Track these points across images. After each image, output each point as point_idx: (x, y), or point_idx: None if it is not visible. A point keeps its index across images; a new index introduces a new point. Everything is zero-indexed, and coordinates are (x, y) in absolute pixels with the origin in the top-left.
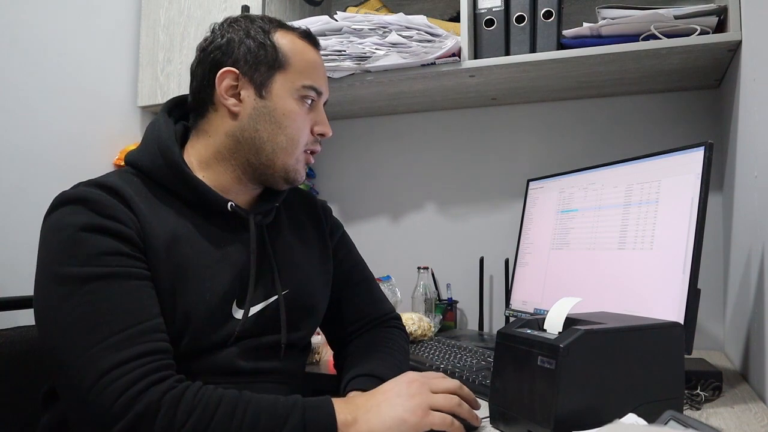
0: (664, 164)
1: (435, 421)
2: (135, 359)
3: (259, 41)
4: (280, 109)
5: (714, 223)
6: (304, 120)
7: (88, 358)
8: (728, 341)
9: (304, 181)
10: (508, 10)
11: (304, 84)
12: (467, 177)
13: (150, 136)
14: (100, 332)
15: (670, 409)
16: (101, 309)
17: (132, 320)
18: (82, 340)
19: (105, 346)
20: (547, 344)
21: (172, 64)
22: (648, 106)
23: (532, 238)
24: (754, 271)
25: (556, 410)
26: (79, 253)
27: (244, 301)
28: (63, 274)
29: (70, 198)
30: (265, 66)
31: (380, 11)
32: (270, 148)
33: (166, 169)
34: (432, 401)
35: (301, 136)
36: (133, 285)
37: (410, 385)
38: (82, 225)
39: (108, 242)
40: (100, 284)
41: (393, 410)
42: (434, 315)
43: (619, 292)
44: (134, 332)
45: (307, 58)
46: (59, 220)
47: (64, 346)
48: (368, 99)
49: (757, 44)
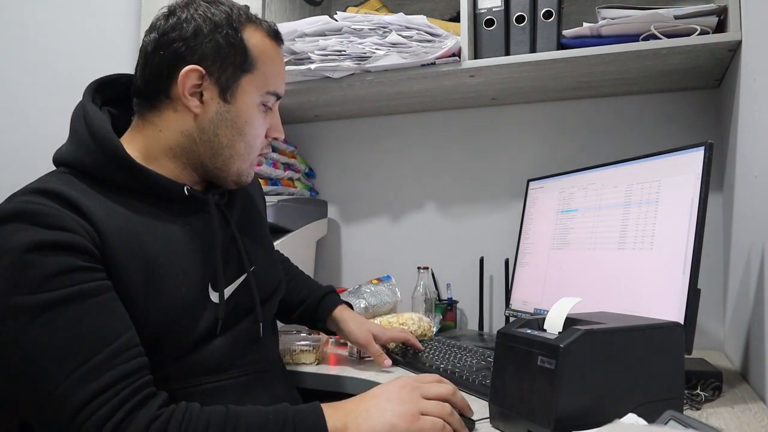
0: (664, 164)
1: (425, 427)
2: (109, 388)
3: (229, 39)
4: (243, 117)
5: (714, 223)
6: (262, 126)
7: (59, 396)
8: (728, 341)
9: (303, 181)
10: (508, 10)
11: (268, 90)
12: (467, 177)
13: (81, 130)
14: (68, 364)
15: (670, 409)
16: (62, 339)
17: (98, 345)
18: (51, 376)
19: (74, 379)
20: (547, 344)
21: None
22: (648, 106)
23: (532, 238)
24: (754, 271)
25: (556, 410)
26: (28, 279)
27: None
28: (14, 306)
29: (7, 215)
30: (232, 67)
31: (380, 11)
32: (228, 153)
33: (109, 163)
34: (423, 407)
35: (258, 143)
36: (92, 303)
37: (401, 390)
38: (26, 246)
39: (58, 260)
40: (57, 311)
41: (383, 416)
42: (434, 315)
43: (619, 292)
44: (102, 358)
45: (275, 63)
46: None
47: (31, 383)
48: (368, 99)
49: (757, 44)
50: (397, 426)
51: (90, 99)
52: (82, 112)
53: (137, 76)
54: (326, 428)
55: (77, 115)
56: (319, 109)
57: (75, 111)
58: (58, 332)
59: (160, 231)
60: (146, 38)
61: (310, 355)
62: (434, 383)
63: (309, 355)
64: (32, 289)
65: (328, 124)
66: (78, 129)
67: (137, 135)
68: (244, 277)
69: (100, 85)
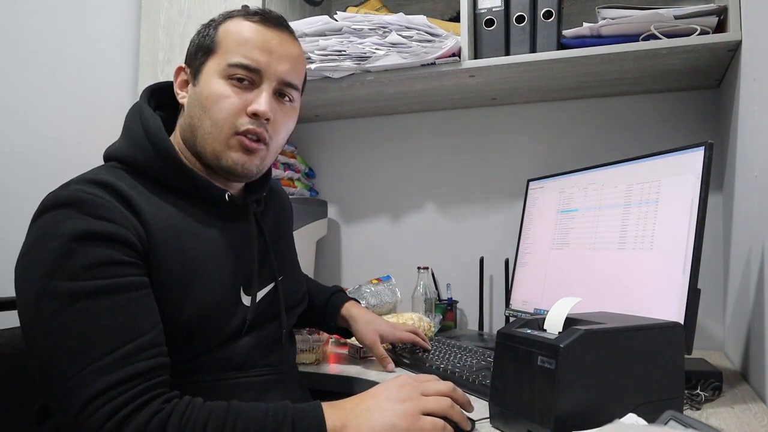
0: (664, 164)
1: (426, 427)
2: (125, 383)
3: (203, 34)
4: (205, 93)
5: (714, 223)
6: (233, 101)
7: (78, 381)
8: (728, 341)
9: (303, 181)
10: (508, 10)
11: (229, 62)
12: (467, 177)
13: (136, 129)
14: (90, 354)
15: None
16: (92, 328)
17: (123, 339)
18: (71, 362)
19: (95, 369)
20: (547, 344)
21: (172, 64)
22: (648, 106)
23: (532, 238)
24: (754, 271)
25: (556, 410)
26: (69, 266)
27: (250, 288)
28: (53, 289)
29: (61, 201)
30: (201, 53)
31: (380, 11)
32: (200, 134)
33: (160, 162)
34: (423, 405)
35: (227, 118)
36: (125, 298)
37: (401, 389)
38: (73, 233)
39: (101, 252)
40: (91, 301)
41: (383, 415)
42: (434, 315)
43: (619, 292)
44: (125, 352)
45: (242, 36)
46: (49, 227)
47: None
48: (368, 99)
49: (757, 44)
50: (398, 425)
51: (146, 101)
52: (138, 113)
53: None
54: (325, 427)
55: (133, 115)
56: (319, 109)
57: (131, 111)
58: (87, 321)
59: (201, 231)
60: None
61: (311, 355)
62: (434, 381)
63: (309, 355)
64: (72, 276)
65: (328, 124)
66: (133, 128)
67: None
68: (273, 285)
69: (155, 90)
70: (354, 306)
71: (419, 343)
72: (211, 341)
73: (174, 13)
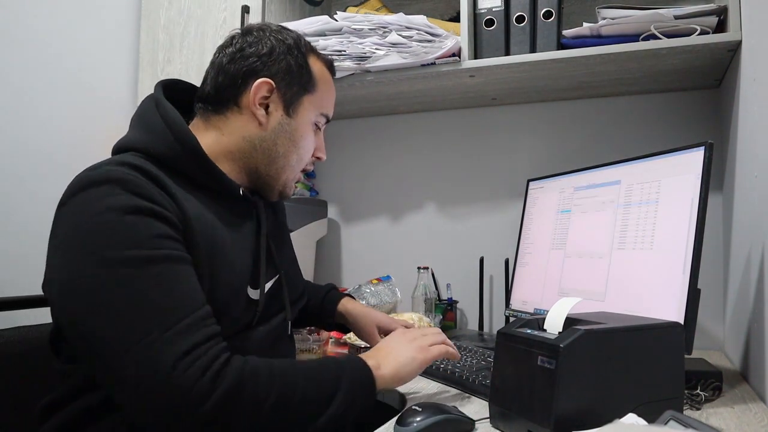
0: (664, 164)
1: (435, 353)
2: (207, 341)
3: (297, 61)
4: (300, 131)
5: (714, 223)
6: (312, 143)
7: (163, 343)
8: (728, 341)
9: (303, 181)
10: (508, 10)
11: (323, 112)
12: (467, 177)
13: (155, 120)
14: (171, 316)
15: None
16: (165, 293)
17: (194, 304)
18: (153, 325)
19: (179, 329)
20: (547, 344)
21: (172, 64)
22: (648, 106)
23: (532, 238)
24: (754, 271)
25: (555, 410)
26: (130, 237)
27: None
28: (116, 259)
29: (100, 178)
30: (297, 86)
31: (380, 11)
32: (282, 163)
33: (183, 155)
34: (428, 340)
35: (307, 157)
36: (184, 269)
37: (406, 334)
38: (124, 207)
39: (156, 225)
40: (159, 267)
41: (403, 353)
42: (434, 315)
43: (619, 292)
44: (198, 317)
45: (330, 89)
46: (95, 202)
47: (126, 333)
48: (368, 99)
49: (757, 44)
50: (417, 357)
51: (162, 94)
52: (155, 104)
53: (207, 84)
54: (368, 365)
55: (149, 106)
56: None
57: (145, 103)
58: (162, 285)
59: (219, 224)
60: (221, 53)
61: (310, 355)
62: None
63: (309, 356)
64: (135, 245)
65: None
66: (151, 119)
67: (199, 135)
68: (277, 277)
69: (164, 86)
70: (349, 301)
71: None
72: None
73: (174, 13)
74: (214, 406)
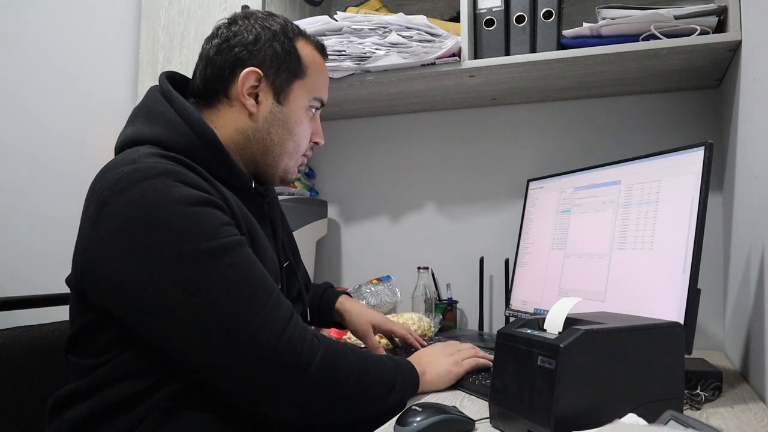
0: (664, 164)
1: (467, 366)
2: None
3: (284, 47)
4: (293, 117)
5: (714, 223)
6: (308, 128)
7: (266, 315)
8: (728, 341)
9: (303, 181)
10: (508, 10)
11: (316, 96)
12: (467, 177)
13: (167, 112)
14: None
15: (670, 409)
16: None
17: (271, 282)
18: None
19: (273, 303)
20: (547, 344)
21: (172, 64)
22: (648, 106)
23: (532, 238)
24: (754, 271)
25: (556, 410)
26: (201, 227)
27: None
28: (197, 250)
29: (152, 171)
30: (287, 72)
31: (380, 11)
32: (278, 151)
33: (203, 147)
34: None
35: (304, 143)
36: (251, 252)
37: (444, 348)
38: (187, 199)
39: (218, 214)
40: (237, 253)
41: (442, 364)
42: (434, 315)
43: (619, 292)
44: (278, 291)
45: (322, 72)
46: (151, 197)
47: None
48: (368, 99)
49: (757, 44)
50: (452, 370)
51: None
52: (163, 96)
53: (197, 77)
54: (416, 369)
55: (156, 98)
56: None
57: (152, 94)
58: (245, 269)
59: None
60: (208, 44)
61: None
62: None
63: None
64: (210, 235)
65: (327, 124)
66: (163, 111)
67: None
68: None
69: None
70: (347, 299)
71: (409, 340)
72: None
73: (174, 13)
74: (318, 369)
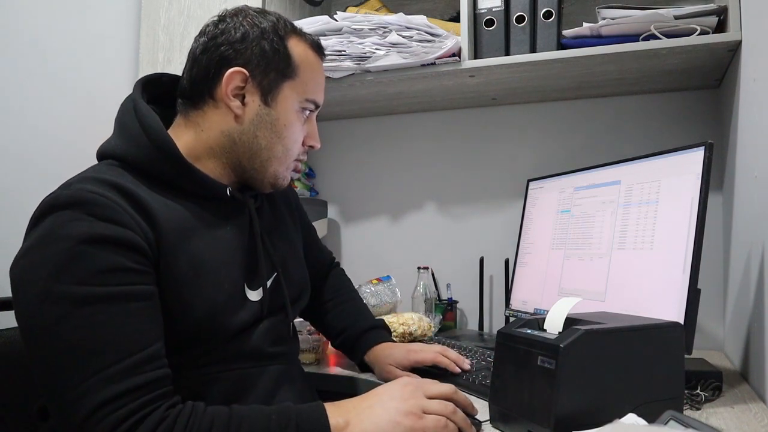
0: (664, 164)
1: (428, 425)
2: (131, 392)
3: (273, 46)
4: (282, 120)
5: (714, 223)
6: (300, 131)
7: (83, 390)
8: (728, 341)
9: (303, 181)
10: (508, 10)
11: (308, 98)
12: (467, 177)
13: (132, 125)
14: (96, 362)
15: (670, 409)
16: (98, 336)
17: (130, 349)
18: (76, 370)
19: (100, 378)
20: (547, 344)
21: (172, 64)
22: (648, 106)
23: (532, 238)
24: (754, 271)
25: (556, 410)
26: (77, 270)
27: (253, 282)
28: (58, 293)
29: (64, 202)
30: (275, 72)
31: (380, 11)
32: (266, 155)
33: (161, 160)
34: (426, 405)
35: (296, 147)
36: (133, 307)
37: (404, 389)
38: (80, 236)
39: (110, 258)
40: (99, 307)
41: (386, 413)
42: (434, 315)
43: (619, 292)
44: (131, 363)
45: (316, 72)
46: (53, 229)
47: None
48: (368, 99)
49: (757, 44)
50: (401, 423)
51: (140, 95)
52: (133, 107)
53: (184, 77)
54: (329, 426)
55: (127, 109)
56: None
57: (124, 105)
58: (94, 329)
59: (205, 229)
60: (195, 42)
61: (310, 354)
62: (434, 383)
63: (309, 355)
64: (79, 280)
65: (327, 124)
66: (128, 124)
67: (180, 134)
68: (275, 276)
69: (146, 82)
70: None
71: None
72: (221, 336)
73: (174, 13)
74: None
